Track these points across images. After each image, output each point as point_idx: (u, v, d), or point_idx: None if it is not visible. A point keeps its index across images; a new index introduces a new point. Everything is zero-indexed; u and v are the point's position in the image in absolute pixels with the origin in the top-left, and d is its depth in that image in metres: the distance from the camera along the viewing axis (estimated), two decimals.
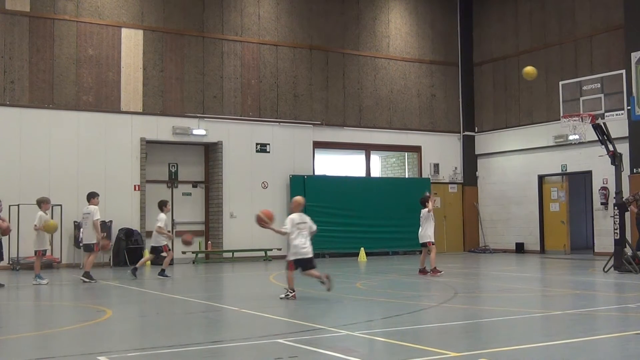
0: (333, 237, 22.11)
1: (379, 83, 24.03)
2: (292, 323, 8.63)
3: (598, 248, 21.18)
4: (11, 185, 18.10)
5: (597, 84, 15.59)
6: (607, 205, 20.68)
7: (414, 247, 23.34)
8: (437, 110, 25.15)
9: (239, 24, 21.78)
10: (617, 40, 20.93)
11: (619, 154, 15.41)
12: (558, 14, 22.87)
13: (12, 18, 18.73)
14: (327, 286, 10.82)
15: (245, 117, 21.61)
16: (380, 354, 6.98)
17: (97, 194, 15.16)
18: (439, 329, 8.25)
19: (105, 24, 19.85)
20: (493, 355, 6.42)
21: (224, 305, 10.77)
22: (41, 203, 14.50)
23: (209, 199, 21.45)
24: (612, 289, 12.66)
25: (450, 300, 10.77)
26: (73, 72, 19.40)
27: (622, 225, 15.37)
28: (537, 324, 8.72)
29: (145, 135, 20.12)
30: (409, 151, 25.02)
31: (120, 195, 19.51)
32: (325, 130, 22.97)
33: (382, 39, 24.19)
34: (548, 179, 23.31)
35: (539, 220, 23.23)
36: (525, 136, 23.66)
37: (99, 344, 7.46)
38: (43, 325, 9.20)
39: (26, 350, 7.22)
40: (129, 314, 10.23)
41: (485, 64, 25.23)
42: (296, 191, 21.86)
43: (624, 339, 7.37)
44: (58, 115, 19.07)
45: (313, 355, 6.61)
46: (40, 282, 13.86)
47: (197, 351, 6.90)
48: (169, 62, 20.68)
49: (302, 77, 22.69)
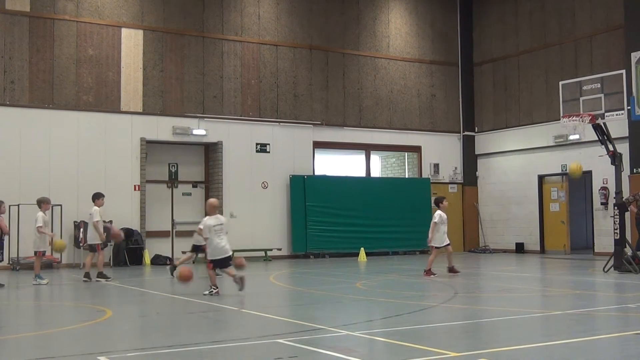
0: (333, 237, 22.12)
1: (379, 83, 24.03)
2: (292, 323, 8.63)
3: (598, 248, 21.18)
4: (11, 185, 18.10)
5: (597, 84, 15.59)
6: (607, 205, 20.68)
7: (413, 247, 23.40)
8: (437, 110, 25.15)
9: (239, 24, 21.78)
10: (617, 40, 20.93)
11: (619, 154, 15.41)
12: (558, 14, 22.87)
13: (12, 18, 18.73)
14: (239, 287, 11.35)
15: (245, 117, 21.61)
16: (380, 354, 6.98)
17: (101, 195, 15.20)
18: (439, 329, 8.24)
19: (105, 24, 19.85)
20: (493, 355, 6.42)
21: (224, 305, 10.76)
22: (41, 203, 14.50)
23: (209, 199, 21.41)
24: (612, 289, 12.65)
25: (450, 300, 10.77)
26: (73, 72, 19.40)
27: (622, 225, 15.37)
28: (537, 324, 8.72)
29: (145, 135, 20.12)
30: (409, 151, 25.02)
31: (120, 195, 19.50)
32: (325, 130, 22.97)
33: (382, 39, 24.19)
34: (548, 179, 23.30)
35: (539, 220, 23.23)
36: (525, 136, 23.66)
37: (99, 344, 7.46)
38: (43, 325, 9.20)
39: (26, 350, 7.21)
40: (129, 314, 10.23)
41: (485, 64, 25.23)
42: (296, 191, 21.93)
43: (624, 339, 7.37)
44: (58, 115, 19.07)
45: (313, 355, 6.61)
46: (40, 282, 13.86)
47: (197, 351, 6.90)
48: (169, 62, 20.68)
49: (302, 77, 22.69)
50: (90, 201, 15.14)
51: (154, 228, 20.33)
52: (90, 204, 15.04)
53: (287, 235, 21.90)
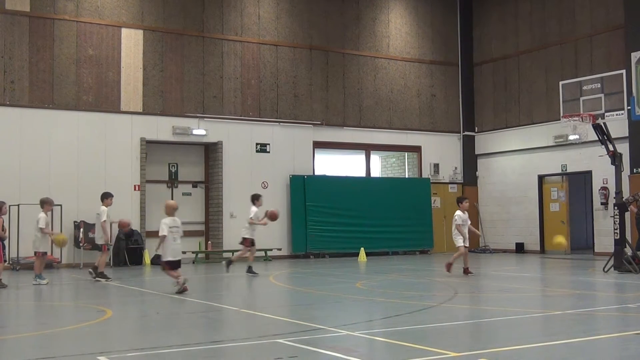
0: (333, 237, 22.12)
1: (379, 83, 24.03)
2: (292, 323, 8.63)
3: (598, 248, 21.18)
4: (11, 185, 18.09)
5: (597, 84, 15.59)
6: (607, 205, 20.68)
7: (413, 247, 23.41)
8: (437, 110, 25.15)
9: (239, 24, 21.78)
10: (617, 40, 20.93)
11: (619, 154, 15.41)
12: (558, 14, 22.87)
13: (12, 18, 18.73)
14: (178, 288, 11.72)
15: (245, 117, 21.61)
16: (380, 354, 6.98)
17: (110, 195, 15.22)
18: (439, 329, 8.24)
19: (105, 24, 19.85)
20: (493, 355, 6.42)
21: (224, 305, 10.77)
22: (44, 204, 14.47)
23: (209, 199, 21.46)
24: (612, 289, 12.66)
25: (450, 300, 10.77)
26: (73, 72, 19.40)
27: (622, 225, 15.37)
28: (537, 324, 8.72)
29: (145, 135, 20.11)
30: (409, 151, 25.02)
31: (120, 195, 19.43)
32: (325, 130, 22.97)
33: (382, 39, 24.19)
34: (548, 179, 23.31)
35: (539, 220, 23.23)
36: (525, 136, 23.66)
37: (99, 344, 7.46)
38: (43, 325, 9.19)
39: (26, 350, 7.21)
40: (129, 314, 10.23)
41: (485, 64, 25.23)
42: (296, 191, 21.93)
43: (624, 339, 7.37)
44: (58, 115, 19.07)
45: (313, 355, 6.61)
46: (40, 282, 13.85)
47: (197, 351, 6.90)
48: (169, 62, 20.68)
49: (302, 77, 22.69)
50: (91, 200, 15.18)
51: (154, 228, 20.13)
52: (92, 204, 15.07)
53: (287, 235, 21.90)
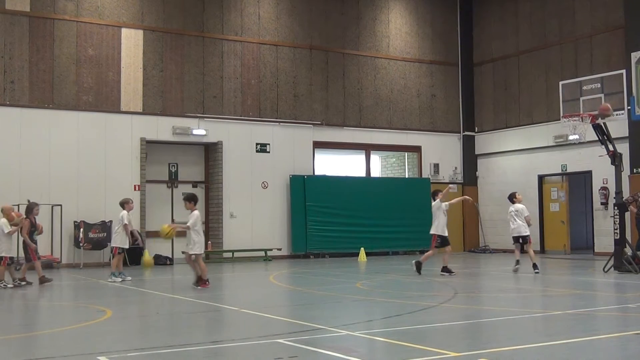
0: (333, 237, 22.12)
1: (379, 83, 24.02)
2: (292, 323, 8.63)
3: (598, 248, 21.18)
4: (11, 185, 18.08)
5: (597, 84, 15.61)
6: (607, 205, 20.67)
7: (413, 247, 23.39)
8: (437, 110, 25.15)
9: (239, 24, 21.78)
10: (617, 40, 20.92)
11: (619, 154, 15.40)
12: (558, 14, 22.87)
13: (12, 18, 18.73)
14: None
15: (245, 117, 21.61)
16: (380, 354, 6.98)
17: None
18: (439, 329, 8.24)
19: (105, 24, 19.85)
20: (493, 355, 6.41)
21: (224, 305, 10.77)
22: (124, 204, 14.82)
23: (209, 199, 21.46)
24: (612, 289, 12.65)
25: (450, 300, 10.77)
26: (73, 72, 19.40)
27: (622, 225, 15.37)
28: (537, 324, 8.71)
29: (145, 135, 20.11)
30: (409, 151, 25.01)
31: (120, 195, 19.29)
32: (325, 130, 22.96)
33: (382, 39, 24.19)
34: (548, 179, 23.30)
35: (539, 220, 23.20)
36: (525, 136, 23.65)
37: (99, 344, 7.45)
38: (43, 325, 9.20)
39: (26, 350, 7.22)
40: (129, 314, 10.23)
41: (485, 64, 25.23)
42: (296, 191, 21.94)
43: (624, 339, 7.37)
44: (58, 115, 19.07)
45: (313, 355, 6.61)
46: (115, 280, 14.15)
47: (197, 351, 6.90)
48: (169, 62, 20.68)
49: (302, 77, 22.68)
50: (91, 201, 15.17)
51: (154, 228, 20.24)
52: (92, 204, 15.06)
53: (287, 235, 21.90)
